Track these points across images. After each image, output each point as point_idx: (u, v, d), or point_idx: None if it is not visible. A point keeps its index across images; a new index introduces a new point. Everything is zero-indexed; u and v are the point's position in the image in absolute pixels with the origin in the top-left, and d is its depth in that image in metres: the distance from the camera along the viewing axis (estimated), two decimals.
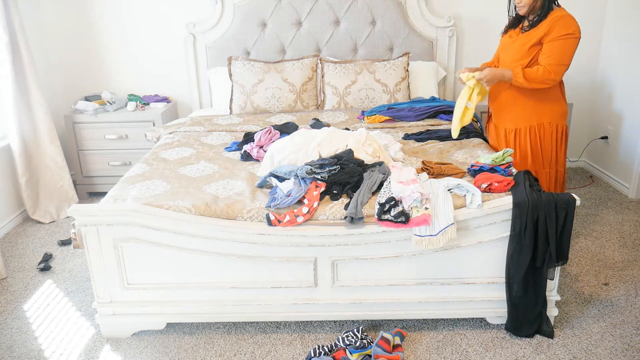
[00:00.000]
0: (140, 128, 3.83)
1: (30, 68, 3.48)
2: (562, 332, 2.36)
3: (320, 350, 2.17)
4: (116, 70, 4.21)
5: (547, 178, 2.78)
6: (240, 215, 2.21)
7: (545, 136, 2.72)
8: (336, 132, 2.65)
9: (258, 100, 3.72)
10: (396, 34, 3.97)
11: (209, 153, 2.94)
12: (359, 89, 3.69)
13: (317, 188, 2.26)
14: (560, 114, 2.73)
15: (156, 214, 2.17)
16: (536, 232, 2.14)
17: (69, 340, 2.41)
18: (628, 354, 2.23)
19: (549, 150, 2.74)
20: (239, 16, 3.97)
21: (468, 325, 2.42)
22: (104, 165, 3.96)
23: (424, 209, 2.14)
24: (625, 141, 3.85)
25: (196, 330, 2.44)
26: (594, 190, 3.92)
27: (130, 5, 4.05)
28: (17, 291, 2.81)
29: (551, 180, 2.79)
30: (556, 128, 2.72)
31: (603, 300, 2.59)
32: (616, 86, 3.97)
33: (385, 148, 2.70)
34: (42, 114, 3.57)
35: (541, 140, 2.73)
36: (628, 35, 3.80)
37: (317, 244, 2.20)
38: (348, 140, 2.57)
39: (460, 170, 2.47)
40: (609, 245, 3.11)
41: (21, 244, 3.34)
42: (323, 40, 3.99)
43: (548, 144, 2.73)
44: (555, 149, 2.75)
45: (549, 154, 2.76)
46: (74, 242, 2.28)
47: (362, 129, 2.71)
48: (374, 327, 2.41)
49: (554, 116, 2.71)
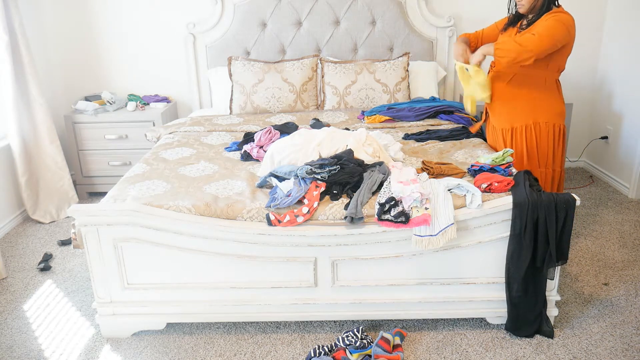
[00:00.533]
0: (140, 128, 3.83)
1: (30, 68, 3.48)
2: (562, 332, 2.36)
3: (320, 350, 2.17)
4: (116, 70, 4.21)
5: (543, 178, 2.76)
6: (240, 215, 2.21)
7: (542, 135, 2.70)
8: (336, 132, 2.65)
9: (258, 100, 3.72)
10: (396, 34, 3.97)
11: (209, 153, 2.94)
12: (359, 89, 3.69)
13: (317, 188, 2.26)
14: (557, 113, 2.71)
15: (156, 214, 2.17)
16: (536, 232, 2.14)
17: (69, 340, 2.41)
18: (628, 354, 2.23)
19: (545, 150, 2.72)
20: (239, 16, 3.97)
21: (468, 325, 2.42)
22: (104, 165, 3.96)
23: (424, 209, 2.14)
24: (625, 141, 3.85)
25: (196, 330, 2.43)
26: (594, 190, 3.92)
27: (130, 6, 4.05)
28: (17, 291, 2.81)
29: (547, 181, 2.77)
30: (553, 127, 2.70)
31: (603, 300, 2.59)
32: (616, 86, 3.97)
33: (385, 148, 2.70)
34: (42, 114, 3.57)
35: (537, 139, 2.71)
36: (628, 35, 3.80)
37: (317, 244, 2.20)
38: (348, 140, 2.57)
39: (460, 170, 2.47)
40: (609, 245, 3.11)
41: (21, 244, 3.34)
42: (323, 40, 3.99)
43: (544, 144, 2.71)
44: (552, 149, 2.73)
45: (545, 154, 2.73)
46: (74, 242, 2.28)
47: (362, 129, 2.71)
48: (374, 327, 2.41)
49: (551, 115, 2.70)
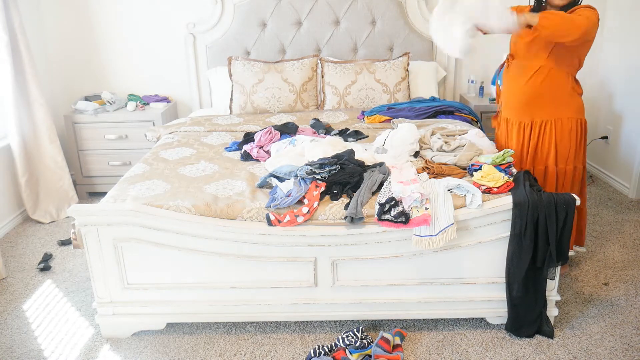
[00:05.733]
0: (140, 128, 3.83)
1: (30, 68, 3.48)
2: (562, 332, 2.36)
3: (320, 350, 2.17)
4: (116, 70, 4.21)
5: (562, 175, 2.64)
6: (240, 215, 2.21)
7: (564, 131, 2.59)
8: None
9: (258, 100, 3.72)
10: (396, 34, 3.97)
11: (209, 153, 2.94)
12: (359, 89, 3.69)
13: (317, 188, 2.26)
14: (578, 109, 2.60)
15: (156, 214, 2.17)
16: (536, 232, 2.14)
17: (69, 340, 2.41)
18: (628, 354, 2.23)
19: (567, 146, 2.60)
20: (239, 16, 3.97)
21: (468, 325, 2.42)
22: (104, 165, 3.95)
23: (424, 209, 2.14)
24: (625, 141, 3.85)
25: (196, 330, 2.43)
26: (594, 190, 3.92)
27: (130, 5, 4.05)
28: (17, 291, 2.81)
29: (567, 177, 2.64)
30: (576, 123, 2.59)
31: (603, 300, 2.59)
32: (616, 86, 3.97)
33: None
34: (42, 113, 3.57)
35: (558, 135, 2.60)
36: (628, 36, 3.80)
37: (317, 244, 2.20)
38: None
39: (461, 170, 2.47)
40: (609, 245, 3.11)
41: (21, 244, 3.34)
42: (323, 40, 3.98)
43: (566, 140, 2.60)
44: (575, 145, 2.61)
45: (567, 151, 2.61)
46: (74, 242, 2.28)
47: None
48: (374, 327, 2.41)
49: (573, 111, 2.59)
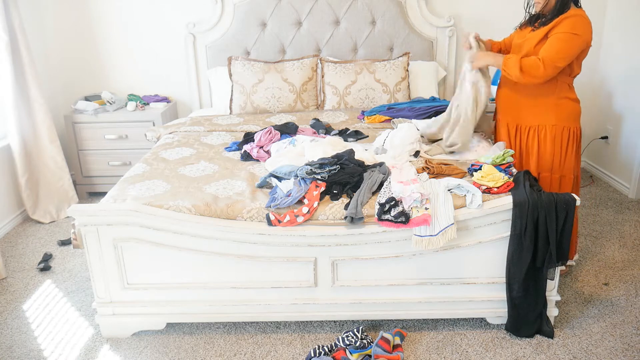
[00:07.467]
0: (140, 128, 3.83)
1: (30, 68, 3.47)
2: (562, 332, 2.36)
3: (320, 350, 2.17)
4: (116, 70, 4.21)
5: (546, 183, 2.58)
6: (240, 215, 2.21)
7: (547, 139, 2.54)
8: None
9: (258, 100, 3.71)
10: (396, 34, 3.97)
11: (209, 153, 2.94)
12: (359, 89, 3.69)
13: (317, 188, 2.26)
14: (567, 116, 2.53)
15: (156, 213, 2.17)
16: (536, 232, 2.14)
17: (69, 340, 2.41)
18: (628, 354, 2.23)
19: (550, 154, 2.55)
20: (238, 16, 3.96)
21: (468, 325, 2.42)
22: (103, 165, 3.95)
23: (424, 209, 2.14)
24: (625, 141, 3.85)
25: (196, 330, 2.43)
26: (594, 190, 3.92)
27: (130, 5, 4.05)
28: (17, 291, 2.81)
29: (552, 187, 2.59)
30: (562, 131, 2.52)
31: (603, 300, 2.59)
32: (616, 86, 3.97)
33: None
34: (42, 113, 3.57)
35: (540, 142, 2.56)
36: (628, 36, 3.80)
37: (317, 244, 2.20)
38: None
39: (461, 170, 2.47)
40: (609, 245, 3.11)
41: (21, 244, 3.34)
42: (323, 40, 3.98)
43: (549, 148, 2.54)
44: (560, 154, 2.54)
45: (549, 159, 2.56)
46: (74, 242, 2.28)
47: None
48: (374, 327, 2.41)
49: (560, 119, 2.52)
